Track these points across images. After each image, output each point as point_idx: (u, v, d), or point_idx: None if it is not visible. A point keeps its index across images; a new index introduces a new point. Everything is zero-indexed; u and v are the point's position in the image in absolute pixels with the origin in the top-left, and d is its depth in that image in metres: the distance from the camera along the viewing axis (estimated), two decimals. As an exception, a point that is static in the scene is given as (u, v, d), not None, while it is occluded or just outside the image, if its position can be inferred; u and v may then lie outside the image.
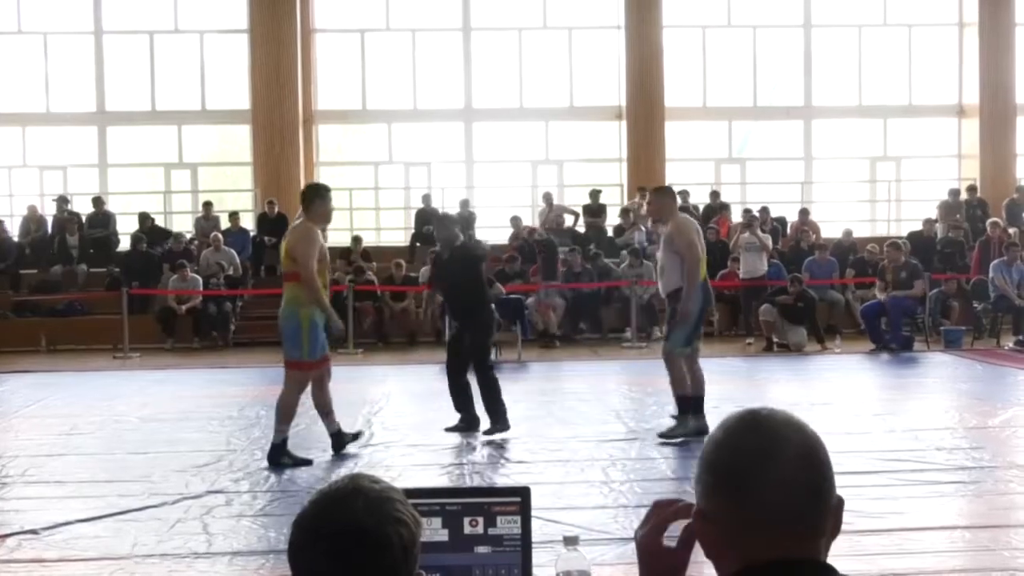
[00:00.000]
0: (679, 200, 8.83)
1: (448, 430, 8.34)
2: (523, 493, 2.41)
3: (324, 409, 7.54)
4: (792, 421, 1.50)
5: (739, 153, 21.52)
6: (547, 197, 19.13)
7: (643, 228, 18.27)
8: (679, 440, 7.87)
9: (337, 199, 23.97)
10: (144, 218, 18.49)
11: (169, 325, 16.30)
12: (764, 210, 18.21)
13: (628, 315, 15.99)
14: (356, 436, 7.61)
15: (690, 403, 7.98)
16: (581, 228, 18.98)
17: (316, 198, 7.31)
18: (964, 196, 19.42)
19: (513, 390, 11.18)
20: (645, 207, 18.64)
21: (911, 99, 21.24)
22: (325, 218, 7.35)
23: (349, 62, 20.80)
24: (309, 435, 8.65)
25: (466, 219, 18.72)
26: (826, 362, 13.66)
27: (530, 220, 19.49)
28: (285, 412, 7.36)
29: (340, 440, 7.61)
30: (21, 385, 12.24)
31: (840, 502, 1.51)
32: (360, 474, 1.67)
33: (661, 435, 7.96)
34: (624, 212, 18.50)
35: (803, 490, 1.46)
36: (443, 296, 9.10)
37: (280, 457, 7.31)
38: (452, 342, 8.56)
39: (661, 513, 1.69)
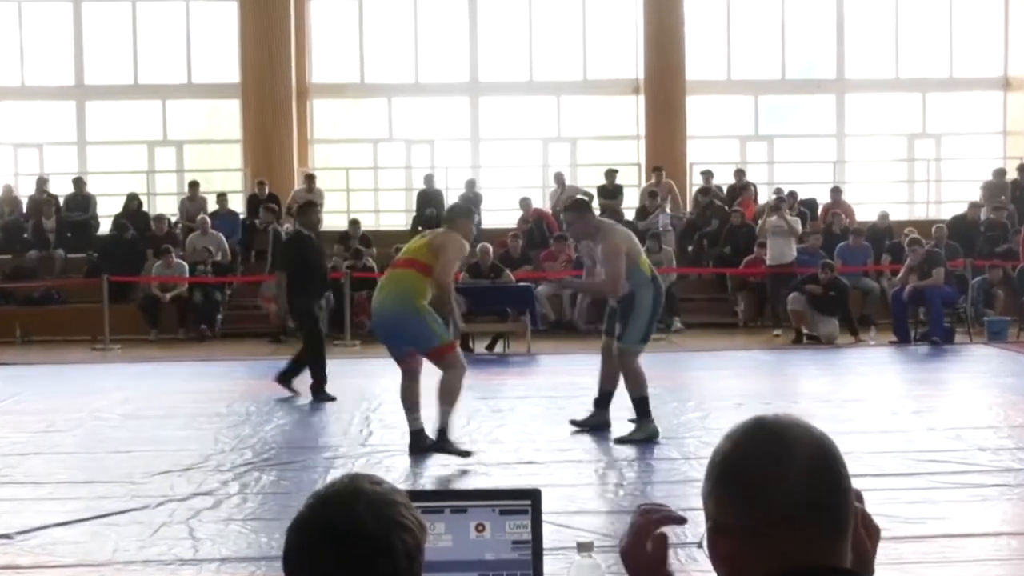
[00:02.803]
0: (595, 208, 9.05)
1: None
2: (533, 496, 2.40)
3: (411, 403, 7.56)
4: (800, 423, 1.54)
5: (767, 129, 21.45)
6: (559, 177, 19.12)
7: (667, 211, 18.24)
8: (640, 440, 7.94)
9: (333, 180, 24.00)
10: (131, 200, 18.49)
11: (152, 315, 16.32)
12: (792, 192, 18.17)
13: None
14: (464, 454, 7.53)
15: (648, 404, 8.11)
16: (596, 210, 18.92)
17: (462, 217, 7.81)
18: (1010, 176, 19.35)
19: (522, 385, 11.20)
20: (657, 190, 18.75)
21: (952, 71, 21.15)
22: (468, 236, 7.78)
23: (346, 32, 20.78)
24: (307, 430, 8.65)
25: (472, 201, 18.74)
26: (860, 355, 13.63)
27: (540, 202, 19.48)
28: (451, 395, 7.45)
29: (418, 441, 7.54)
30: (-6, 379, 12.27)
31: (862, 509, 1.55)
32: (360, 475, 1.65)
33: (619, 440, 8.04)
34: (650, 194, 18.43)
35: (820, 492, 1.48)
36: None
37: (445, 444, 7.40)
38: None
39: (646, 520, 1.71)
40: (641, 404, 8.15)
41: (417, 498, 2.17)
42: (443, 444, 7.39)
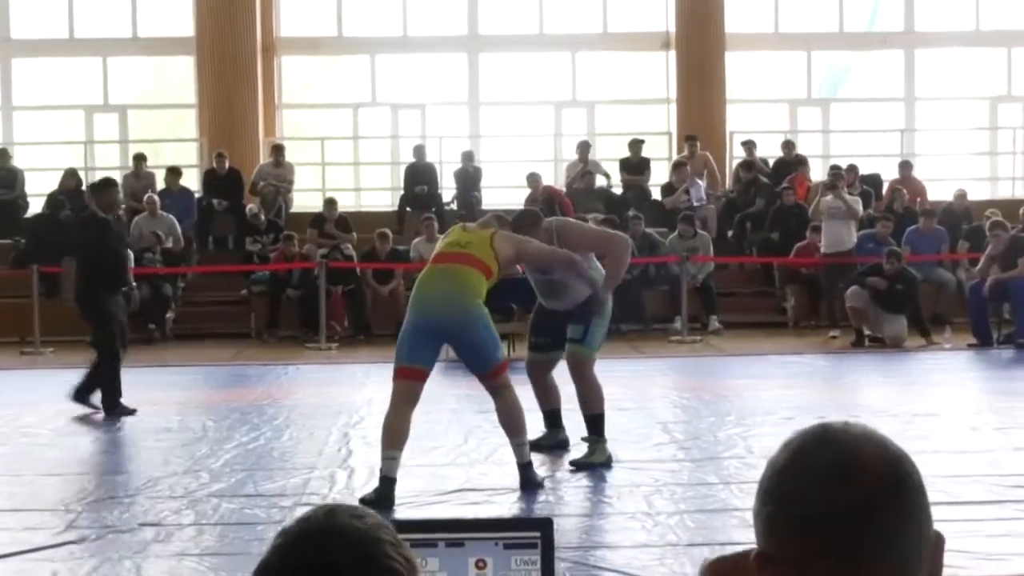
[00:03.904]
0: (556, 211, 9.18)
1: None
2: (544, 526, 2.40)
3: (396, 438, 7.33)
4: (874, 436, 1.52)
5: (827, 93, 21.42)
6: (583, 147, 19.03)
7: (700, 184, 18.23)
8: (599, 463, 8.00)
9: (305, 152, 24.05)
10: (69, 177, 18.48)
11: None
12: (852, 166, 18.14)
13: (677, 300, 15.97)
14: (541, 483, 7.53)
15: (603, 421, 8.18)
16: (617, 188, 18.95)
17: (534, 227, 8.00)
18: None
19: (530, 395, 11.18)
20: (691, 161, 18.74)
21: (1044, 22, 21.13)
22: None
23: (321, -24, 20.79)
24: (275, 450, 8.66)
25: (470, 176, 18.75)
26: (932, 360, 13.64)
27: (551, 178, 19.47)
28: (522, 419, 7.44)
29: (386, 491, 7.20)
30: (-96, 388, 12.30)
31: (940, 540, 1.52)
32: (338, 507, 1.61)
33: (574, 463, 8.11)
34: (678, 166, 18.43)
35: (890, 522, 1.47)
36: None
37: (535, 478, 7.43)
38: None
39: None
40: (598, 422, 8.19)
41: (406, 529, 2.17)
42: (534, 479, 7.43)
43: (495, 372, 7.40)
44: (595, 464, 8.07)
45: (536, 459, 8.00)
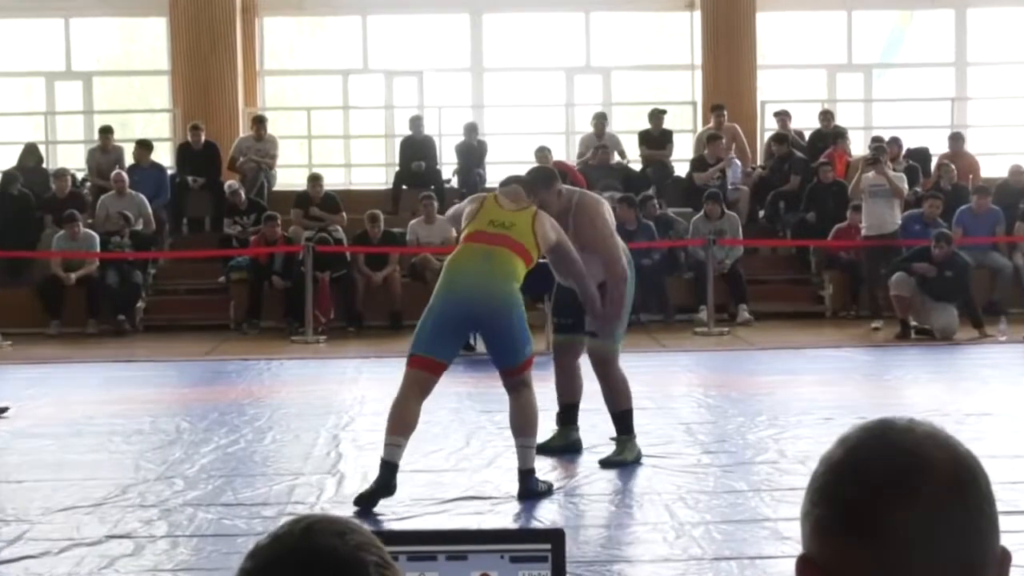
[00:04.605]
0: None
1: None
2: (555, 537, 2.40)
3: (405, 424, 7.41)
4: (940, 436, 1.51)
5: (887, 58, 21.33)
6: (600, 119, 19.01)
7: (738, 164, 18.21)
8: (630, 462, 8.11)
9: (290, 123, 24.00)
10: (29, 153, 18.47)
11: (53, 302, 16.36)
12: (896, 139, 18.11)
13: (703, 288, 15.97)
14: (550, 489, 7.58)
15: (631, 418, 8.26)
16: (636, 164, 18.93)
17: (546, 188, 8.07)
18: None
19: (540, 393, 11.18)
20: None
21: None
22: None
23: (306, -73, 20.78)
24: (257, 454, 8.67)
25: (473, 151, 18.73)
26: (986, 355, 13.62)
27: (563, 152, 19.46)
28: (535, 422, 7.45)
29: (386, 480, 7.32)
30: None
31: (1006, 556, 1.51)
32: (318, 521, 1.58)
33: (604, 462, 8.20)
34: (712, 139, 18.35)
35: (953, 531, 1.46)
36: None
37: (537, 486, 7.41)
38: None
39: None
40: (627, 419, 8.26)
41: (403, 541, 2.17)
42: (535, 488, 7.40)
43: (521, 368, 7.40)
44: (626, 462, 8.12)
45: (545, 463, 8.01)
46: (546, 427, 8.73)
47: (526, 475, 7.38)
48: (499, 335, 7.36)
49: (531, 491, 7.34)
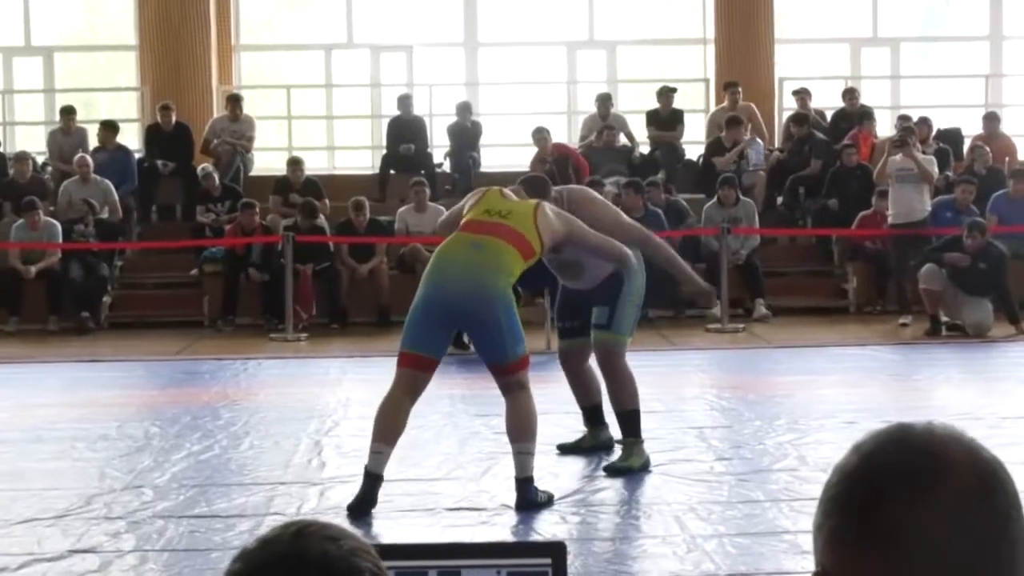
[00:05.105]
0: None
1: None
2: (555, 551, 2.39)
3: (390, 430, 7.48)
4: (962, 439, 1.53)
5: (929, 32, 21.30)
6: (604, 100, 19.01)
7: (760, 144, 18.21)
8: (637, 468, 8.13)
9: (268, 103, 23.94)
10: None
11: (11, 297, 16.35)
12: (926, 119, 18.11)
13: (716, 281, 15.94)
14: (550, 500, 7.58)
15: (638, 419, 8.29)
16: (644, 146, 18.92)
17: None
18: None
19: (537, 396, 11.18)
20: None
21: None
22: None
23: None
24: (233, 461, 8.67)
25: (467, 133, 18.72)
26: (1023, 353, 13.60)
27: (564, 134, 19.46)
28: (533, 426, 7.46)
29: (371, 488, 7.38)
30: None
31: None
32: (309, 525, 1.62)
33: (608, 469, 8.25)
34: (732, 123, 18.30)
35: (980, 538, 1.47)
36: None
37: (536, 496, 7.40)
38: None
39: None
40: (633, 420, 8.27)
41: (393, 555, 2.16)
42: (533, 498, 7.39)
43: (513, 367, 7.41)
44: (633, 469, 8.14)
45: (547, 470, 8.00)
46: (551, 432, 8.76)
47: (524, 484, 7.37)
48: (485, 328, 7.40)
49: (529, 501, 7.33)
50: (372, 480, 7.24)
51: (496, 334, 7.35)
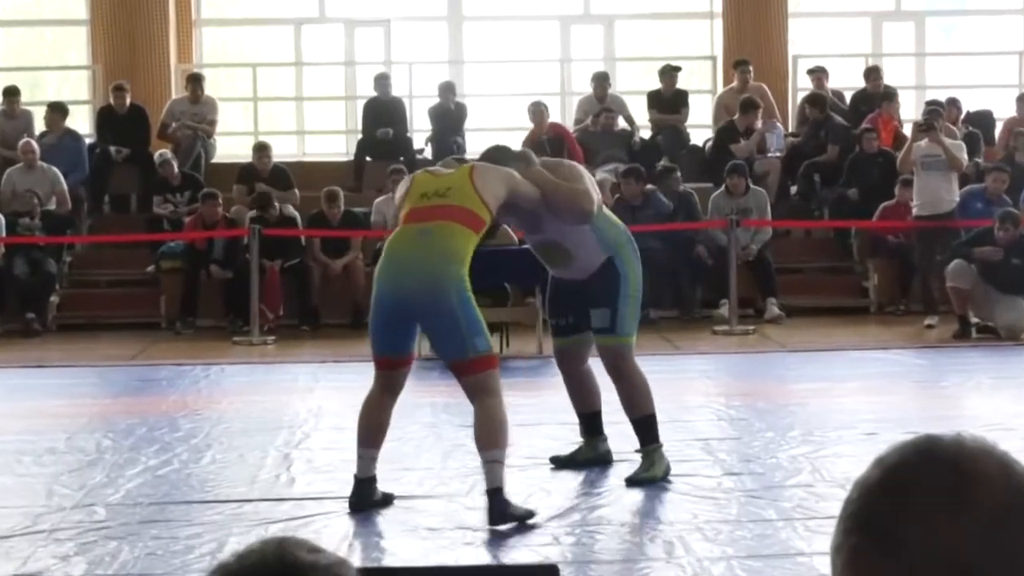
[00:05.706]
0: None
1: None
2: (549, 574, 2.41)
3: (372, 433, 7.73)
4: (994, 452, 1.53)
5: (949, 4, 21.32)
6: (601, 80, 19.00)
7: (780, 128, 18.22)
8: (659, 478, 8.22)
9: (232, 83, 23.96)
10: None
11: (-50, 296, 16.34)
12: (954, 101, 18.12)
13: (724, 279, 15.97)
14: (529, 515, 7.57)
15: (655, 424, 8.39)
16: (645, 130, 18.93)
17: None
18: None
19: (529, 404, 11.19)
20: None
21: None
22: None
23: None
24: (193, 476, 8.68)
25: (450, 115, 18.72)
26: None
27: (558, 114, 19.46)
28: (503, 433, 7.48)
29: (365, 493, 7.72)
30: None
31: None
32: (290, 537, 1.64)
33: (630, 480, 8.30)
34: (748, 107, 18.29)
35: (1011, 560, 1.47)
36: None
37: (508, 508, 7.39)
38: None
39: None
40: (650, 425, 8.33)
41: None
42: (506, 509, 7.39)
43: (472, 364, 7.45)
44: (656, 479, 8.20)
45: (538, 485, 8.01)
46: (544, 444, 8.77)
47: (495, 495, 7.37)
48: (440, 319, 7.48)
49: (502, 513, 7.34)
50: (363, 484, 7.58)
51: (451, 324, 7.41)
